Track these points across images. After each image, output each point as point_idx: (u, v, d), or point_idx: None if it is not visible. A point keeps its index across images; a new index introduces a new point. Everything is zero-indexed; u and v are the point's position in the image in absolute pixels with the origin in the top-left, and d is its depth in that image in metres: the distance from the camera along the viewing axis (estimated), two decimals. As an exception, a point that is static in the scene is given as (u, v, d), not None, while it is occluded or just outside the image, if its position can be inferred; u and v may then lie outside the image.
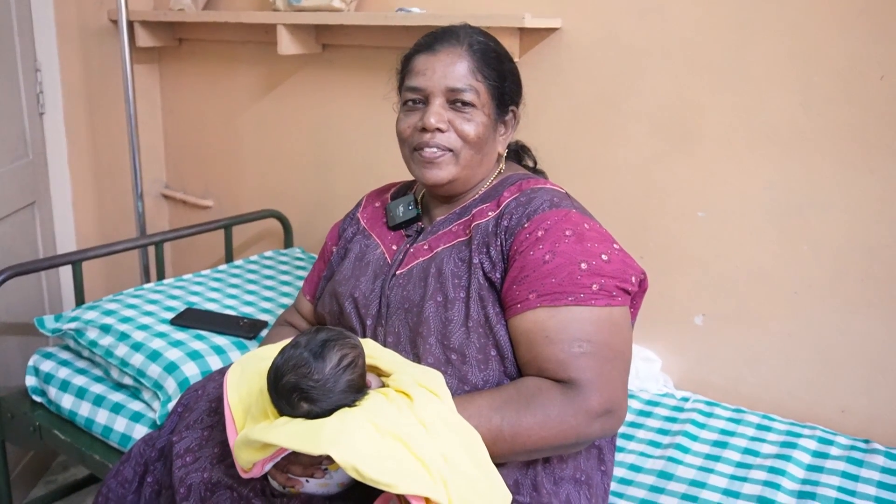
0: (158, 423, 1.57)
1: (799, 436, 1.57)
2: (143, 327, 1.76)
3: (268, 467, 1.06)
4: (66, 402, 1.73)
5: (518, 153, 1.42)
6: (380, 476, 0.94)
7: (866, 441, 1.56)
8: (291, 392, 1.02)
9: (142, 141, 2.59)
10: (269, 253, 2.35)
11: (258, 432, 1.01)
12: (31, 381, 1.82)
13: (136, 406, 1.66)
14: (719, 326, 1.76)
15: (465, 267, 1.21)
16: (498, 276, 1.18)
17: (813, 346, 1.66)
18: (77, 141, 2.61)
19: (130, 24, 2.51)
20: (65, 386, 1.75)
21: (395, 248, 1.33)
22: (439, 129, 1.23)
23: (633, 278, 1.17)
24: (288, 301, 1.97)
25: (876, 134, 1.52)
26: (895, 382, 1.58)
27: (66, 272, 2.49)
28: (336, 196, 2.41)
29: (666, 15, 1.70)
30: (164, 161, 2.90)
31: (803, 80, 1.57)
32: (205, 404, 1.32)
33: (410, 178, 1.42)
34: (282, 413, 1.05)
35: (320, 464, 1.08)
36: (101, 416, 1.66)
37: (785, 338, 1.68)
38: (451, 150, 1.24)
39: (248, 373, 1.16)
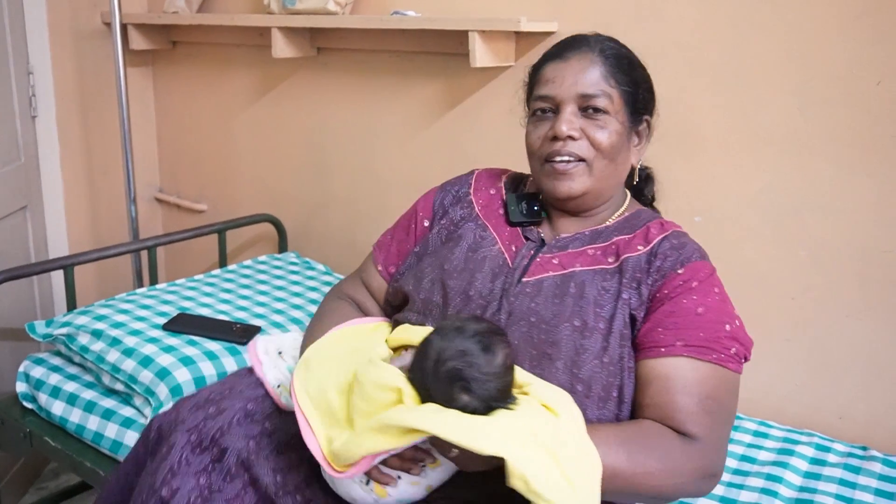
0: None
1: (796, 442, 1.56)
2: (136, 332, 1.74)
3: (377, 461, 1.00)
4: (57, 408, 1.71)
5: (640, 181, 1.35)
6: (547, 492, 0.89)
7: (864, 448, 1.55)
8: (454, 380, 0.96)
9: (135, 144, 2.58)
10: (263, 258, 2.34)
11: (409, 417, 0.94)
12: (21, 386, 1.80)
13: (127, 412, 1.64)
14: (716, 332, 1.75)
15: (609, 298, 1.16)
16: (641, 314, 1.15)
17: (810, 352, 1.65)
18: (70, 144, 2.60)
19: (124, 27, 2.49)
20: (56, 392, 1.73)
21: (514, 249, 1.25)
22: (571, 137, 1.18)
23: (751, 348, 1.18)
24: (282, 306, 1.96)
25: (873, 138, 1.52)
26: (893, 388, 1.58)
27: (57, 277, 2.47)
28: (331, 200, 2.40)
29: (662, 18, 1.70)
30: (158, 165, 2.88)
31: (801, 83, 1.57)
32: (183, 437, 1.19)
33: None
34: (427, 399, 0.98)
35: (422, 459, 1.02)
36: (93, 423, 1.64)
37: (782, 343, 1.68)
38: (583, 161, 1.19)
39: (315, 371, 1.12)
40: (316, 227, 2.46)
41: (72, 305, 1.99)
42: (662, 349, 1.11)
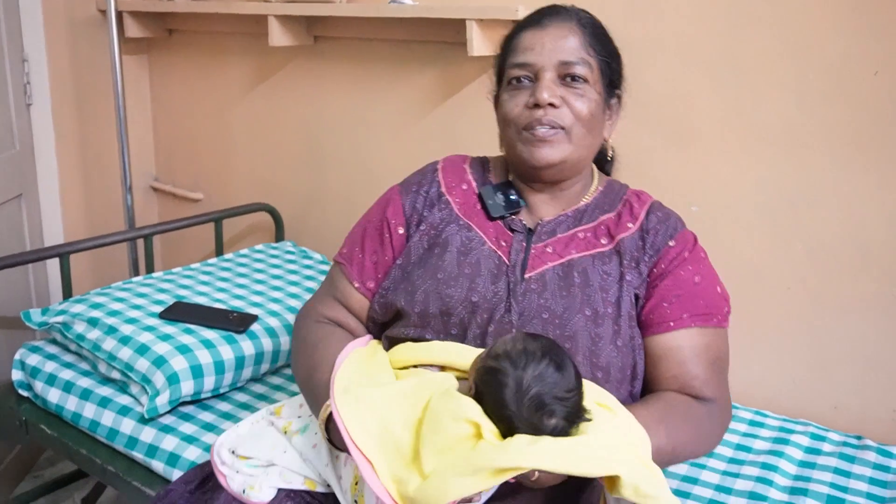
0: (147, 416, 1.55)
1: (791, 432, 1.57)
2: (132, 321, 1.74)
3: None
4: (53, 396, 1.70)
5: (608, 161, 1.36)
6: (656, 491, 0.93)
7: (858, 437, 1.56)
8: (541, 407, 0.93)
9: (131, 133, 2.57)
10: (259, 247, 2.33)
11: (509, 457, 0.89)
12: (17, 375, 1.80)
13: (123, 400, 1.64)
14: (712, 322, 1.75)
15: (612, 281, 1.17)
16: (643, 291, 1.18)
17: (805, 343, 1.65)
18: (65, 132, 2.59)
19: (119, 15, 2.48)
20: (51, 380, 1.73)
21: (504, 244, 1.21)
22: (552, 105, 1.15)
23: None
24: (279, 295, 1.95)
25: (869, 130, 1.52)
26: (887, 379, 1.58)
27: (53, 265, 2.46)
28: (328, 190, 2.39)
29: (659, 10, 1.69)
30: (154, 153, 2.87)
31: (797, 75, 1.56)
32: None
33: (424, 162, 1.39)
34: (512, 429, 0.94)
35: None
36: (89, 411, 1.64)
37: (777, 334, 1.68)
38: (562, 129, 1.17)
39: (370, 403, 1.02)
40: (313, 216, 2.45)
41: (67, 294, 1.99)
42: (671, 323, 1.16)
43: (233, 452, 1.19)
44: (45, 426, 1.71)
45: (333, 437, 1.09)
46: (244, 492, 1.15)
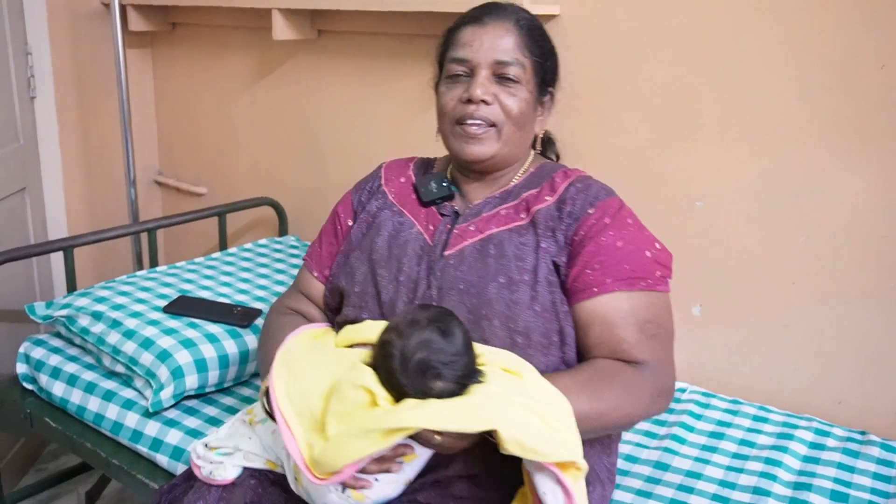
0: (151, 410, 1.55)
1: (795, 427, 1.57)
2: (136, 315, 1.74)
3: (359, 467, 0.99)
4: (58, 389, 1.71)
5: (544, 144, 1.40)
6: (541, 446, 0.94)
7: (862, 432, 1.56)
8: (426, 370, 0.98)
9: (134, 127, 2.56)
10: (263, 241, 2.33)
11: (393, 418, 0.96)
12: (21, 368, 1.80)
13: (128, 394, 1.64)
14: (716, 317, 1.75)
15: (529, 250, 1.20)
16: (563, 259, 1.19)
17: (809, 337, 1.65)
18: (68, 126, 2.59)
19: (123, 8, 2.47)
20: (56, 373, 1.73)
21: (432, 227, 1.28)
22: (485, 102, 1.21)
23: (672, 266, 1.24)
24: (282, 289, 1.96)
25: (872, 124, 1.51)
26: (890, 373, 1.58)
27: (57, 259, 2.46)
28: (331, 184, 2.39)
29: (661, 3, 1.69)
30: (157, 147, 2.87)
31: (800, 68, 1.56)
32: None
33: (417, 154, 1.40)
34: (404, 396, 0.99)
35: (402, 454, 1.04)
36: (93, 404, 1.64)
37: (781, 328, 1.68)
38: (493, 126, 1.22)
39: (299, 376, 1.11)
40: (316, 210, 2.45)
41: (71, 287, 1.99)
42: (595, 289, 1.16)
43: (206, 446, 1.26)
44: (49, 419, 1.71)
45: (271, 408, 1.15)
46: (211, 473, 1.21)
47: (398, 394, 1.00)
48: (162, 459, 1.51)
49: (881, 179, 1.52)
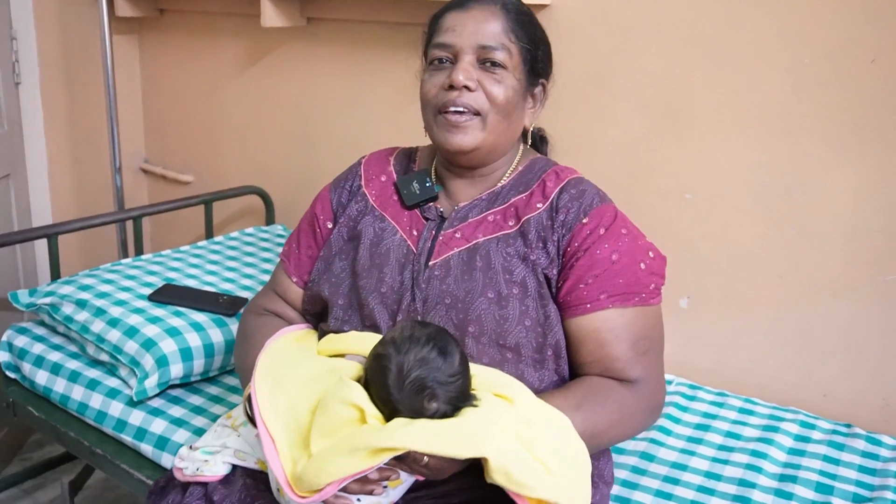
0: (135, 399, 1.54)
1: (781, 419, 1.57)
2: (120, 303, 1.72)
3: (343, 485, 0.96)
4: (41, 378, 1.69)
5: (536, 141, 1.34)
6: (527, 479, 0.91)
7: (848, 425, 1.56)
8: (421, 390, 0.95)
9: (121, 114, 2.54)
10: (250, 230, 2.32)
11: (381, 437, 0.92)
12: (4, 356, 1.78)
13: (112, 382, 1.63)
14: (704, 309, 1.75)
15: (518, 262, 1.16)
16: (554, 272, 1.16)
17: (797, 330, 1.66)
18: (54, 112, 2.56)
19: (109, -7, 2.45)
20: (39, 362, 1.72)
21: (416, 233, 1.23)
22: (467, 88, 1.15)
23: (665, 270, 1.21)
24: (268, 278, 1.94)
25: (865, 117, 1.51)
26: (877, 367, 1.59)
27: (41, 246, 2.44)
28: (319, 173, 2.37)
29: (657, -7, 1.68)
30: (144, 135, 2.84)
31: (794, 61, 1.56)
32: None
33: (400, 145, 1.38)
34: (395, 413, 0.96)
35: (386, 478, 0.99)
36: (77, 393, 1.63)
37: (769, 321, 1.68)
38: (477, 115, 1.16)
39: (288, 388, 1.08)
40: (303, 199, 2.41)
41: (55, 275, 1.97)
42: (588, 305, 1.14)
43: (190, 447, 1.24)
44: (32, 408, 1.70)
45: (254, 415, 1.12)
46: (198, 470, 1.18)
47: (388, 411, 0.97)
48: (146, 448, 1.50)
49: (873, 173, 1.52)
